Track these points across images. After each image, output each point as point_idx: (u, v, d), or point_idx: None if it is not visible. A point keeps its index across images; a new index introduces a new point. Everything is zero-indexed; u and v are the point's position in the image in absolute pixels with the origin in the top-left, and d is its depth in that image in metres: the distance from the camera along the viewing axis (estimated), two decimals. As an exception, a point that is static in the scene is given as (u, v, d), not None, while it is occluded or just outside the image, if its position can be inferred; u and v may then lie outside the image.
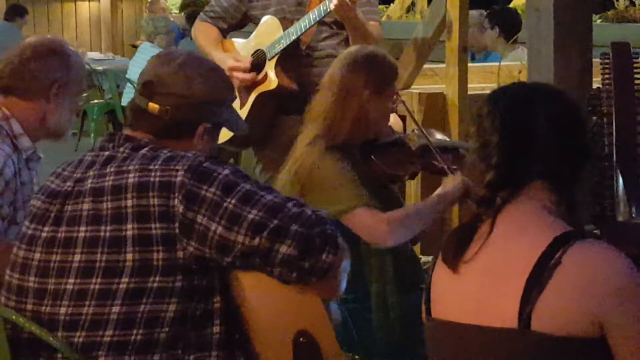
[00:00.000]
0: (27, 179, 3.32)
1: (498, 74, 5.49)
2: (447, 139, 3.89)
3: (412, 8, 10.41)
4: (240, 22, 4.82)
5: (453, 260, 2.34)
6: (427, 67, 5.57)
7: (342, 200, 3.32)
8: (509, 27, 7.01)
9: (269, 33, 4.54)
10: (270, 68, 4.50)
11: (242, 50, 4.68)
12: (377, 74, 3.52)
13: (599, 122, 2.91)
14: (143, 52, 10.01)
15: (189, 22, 9.85)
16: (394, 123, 3.98)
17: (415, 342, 2.91)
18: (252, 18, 4.74)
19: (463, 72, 5.07)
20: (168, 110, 2.62)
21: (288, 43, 4.45)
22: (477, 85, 5.41)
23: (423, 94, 5.19)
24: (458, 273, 2.33)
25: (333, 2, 4.26)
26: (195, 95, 2.65)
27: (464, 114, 5.01)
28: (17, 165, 3.26)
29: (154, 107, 2.63)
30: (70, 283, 2.51)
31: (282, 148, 3.85)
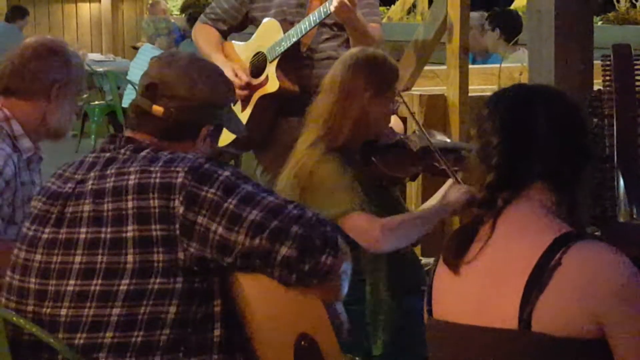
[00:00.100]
0: (27, 180, 3.32)
1: (499, 76, 5.49)
2: (448, 140, 3.88)
3: (412, 10, 10.42)
4: (241, 24, 4.82)
5: (454, 262, 2.34)
6: (427, 68, 5.58)
7: (338, 204, 3.32)
8: (510, 28, 7.02)
9: (270, 35, 4.54)
10: (271, 70, 4.50)
11: (242, 53, 4.68)
12: (377, 76, 3.52)
13: (600, 123, 2.92)
14: (144, 53, 10.03)
15: (190, 23, 9.85)
16: (395, 124, 3.97)
17: (416, 343, 2.90)
18: (252, 20, 4.74)
19: (464, 73, 5.08)
20: (172, 113, 2.62)
21: (289, 45, 4.45)
22: (477, 87, 5.41)
23: (424, 96, 5.20)
24: (459, 274, 2.33)
25: (333, 3, 4.26)
26: (199, 98, 2.65)
27: (465, 116, 5.01)
28: (17, 165, 3.26)
29: (158, 109, 2.63)
30: (71, 284, 2.51)
31: (282, 150, 3.84)
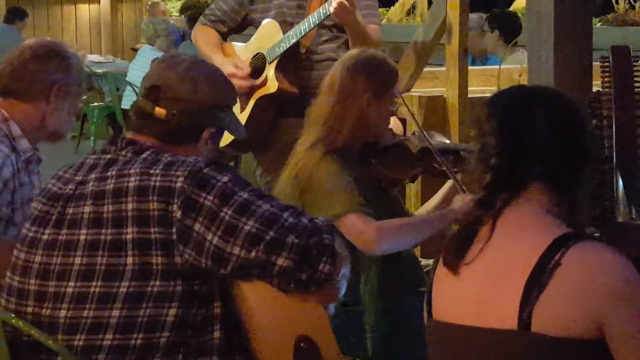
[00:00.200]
0: (25, 181, 3.32)
1: (498, 77, 5.50)
2: (447, 142, 3.88)
3: (412, 11, 10.43)
4: (241, 25, 4.82)
5: (454, 263, 2.35)
6: (427, 70, 5.58)
7: (335, 205, 3.32)
8: (509, 30, 7.02)
9: (269, 36, 4.55)
10: (270, 71, 4.50)
11: (242, 54, 4.68)
12: (377, 78, 3.52)
13: (599, 124, 2.92)
14: (143, 54, 10.03)
15: (190, 25, 9.86)
16: (394, 126, 3.97)
17: (415, 344, 2.90)
18: (252, 21, 4.75)
19: (463, 75, 5.08)
20: (174, 115, 2.63)
21: (288, 46, 4.45)
22: (477, 89, 5.41)
23: (423, 97, 5.20)
24: (459, 275, 2.33)
25: (333, 5, 4.26)
26: (201, 100, 2.66)
27: (464, 117, 5.01)
28: (15, 166, 3.26)
29: (161, 111, 2.63)
30: (71, 286, 2.51)
31: (282, 151, 3.85)
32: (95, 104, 11.40)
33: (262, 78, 4.54)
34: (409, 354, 3.40)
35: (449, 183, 3.61)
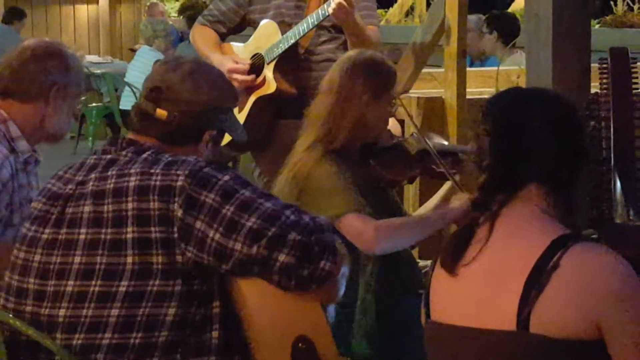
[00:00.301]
0: (24, 182, 3.32)
1: (496, 79, 5.50)
2: (445, 143, 3.88)
3: (411, 12, 10.44)
4: (239, 25, 4.82)
5: (451, 264, 2.35)
6: (425, 71, 5.58)
7: (334, 206, 3.32)
8: (508, 31, 7.03)
9: (268, 37, 4.55)
10: (269, 72, 4.51)
11: (240, 54, 4.68)
12: (375, 79, 3.52)
13: (597, 126, 2.92)
14: (141, 55, 10.03)
15: (189, 25, 9.82)
16: (393, 127, 3.98)
17: (414, 345, 2.90)
18: (250, 22, 4.75)
19: (461, 76, 5.08)
20: (175, 117, 2.63)
21: (287, 47, 4.45)
22: (475, 90, 5.42)
23: (421, 98, 5.20)
24: (457, 276, 2.34)
25: (331, 6, 4.26)
26: (203, 102, 2.66)
27: (462, 118, 5.01)
28: (14, 167, 3.26)
29: (162, 113, 2.64)
30: (70, 285, 2.51)
31: (280, 152, 3.85)
32: (94, 105, 11.39)
33: (260, 78, 4.54)
34: (409, 355, 3.40)
35: (448, 184, 3.61)
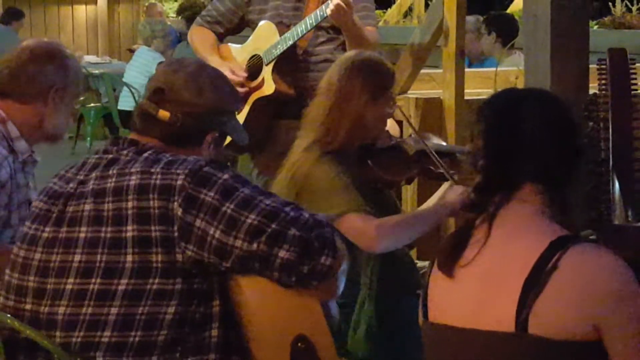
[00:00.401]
0: (22, 182, 3.32)
1: (495, 80, 5.50)
2: (443, 144, 3.88)
3: (409, 13, 10.44)
4: (237, 26, 4.82)
5: (449, 265, 2.35)
6: (424, 72, 5.58)
7: (334, 206, 3.33)
8: (506, 32, 7.03)
9: (266, 38, 4.55)
10: (267, 73, 4.51)
11: (238, 55, 4.69)
12: (374, 80, 3.52)
13: (596, 127, 2.93)
14: (140, 56, 10.03)
15: (188, 26, 9.81)
16: (391, 128, 3.98)
17: (414, 345, 2.91)
18: (248, 22, 4.75)
19: (460, 77, 5.08)
20: (178, 118, 2.64)
21: (285, 48, 4.45)
22: (473, 91, 5.41)
23: (420, 99, 5.20)
24: (455, 277, 2.34)
25: (330, 7, 4.26)
26: (206, 104, 2.67)
27: (461, 119, 5.01)
28: (13, 168, 3.26)
29: (165, 114, 2.64)
30: (70, 283, 2.51)
31: (278, 153, 3.85)
32: (92, 105, 11.40)
33: (259, 80, 4.54)
34: (408, 355, 3.41)
35: (445, 185, 3.61)
